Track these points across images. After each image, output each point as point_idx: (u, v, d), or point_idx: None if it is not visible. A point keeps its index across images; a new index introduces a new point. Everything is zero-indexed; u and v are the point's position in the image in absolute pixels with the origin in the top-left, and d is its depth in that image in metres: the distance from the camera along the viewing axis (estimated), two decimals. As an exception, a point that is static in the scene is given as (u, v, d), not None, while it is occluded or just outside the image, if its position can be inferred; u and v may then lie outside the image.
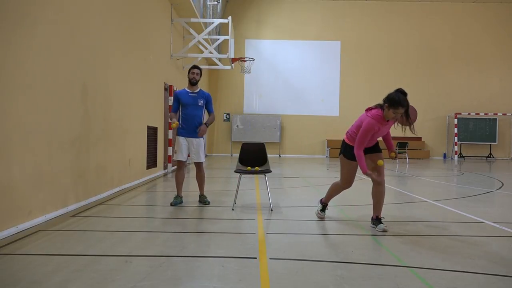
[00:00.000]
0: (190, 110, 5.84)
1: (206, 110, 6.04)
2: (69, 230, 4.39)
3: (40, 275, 3.00)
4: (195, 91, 5.91)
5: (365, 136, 4.37)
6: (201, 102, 5.89)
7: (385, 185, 4.65)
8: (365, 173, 4.33)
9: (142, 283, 2.86)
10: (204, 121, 5.96)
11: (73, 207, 5.39)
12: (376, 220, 4.58)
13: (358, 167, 4.56)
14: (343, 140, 4.76)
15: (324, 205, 5.15)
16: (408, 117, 4.40)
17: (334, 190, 5.03)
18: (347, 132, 4.71)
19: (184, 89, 5.99)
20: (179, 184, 6.00)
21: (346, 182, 4.85)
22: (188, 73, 5.97)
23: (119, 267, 3.21)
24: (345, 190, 5.01)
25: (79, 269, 3.15)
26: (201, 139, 5.97)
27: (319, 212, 5.12)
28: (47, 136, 4.73)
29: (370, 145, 4.62)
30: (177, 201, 5.88)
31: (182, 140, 5.89)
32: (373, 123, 4.36)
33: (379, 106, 4.49)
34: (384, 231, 4.41)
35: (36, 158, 4.51)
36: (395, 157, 4.67)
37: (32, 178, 4.43)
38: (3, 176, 3.94)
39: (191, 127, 5.86)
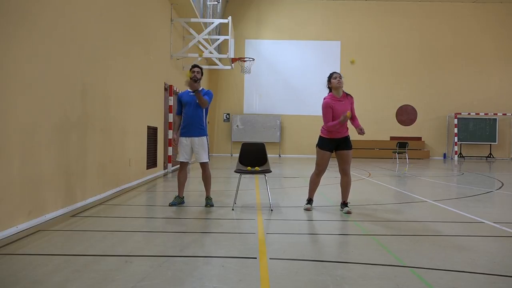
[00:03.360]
0: (189, 110, 5.77)
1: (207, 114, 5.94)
2: (69, 230, 4.39)
3: (40, 275, 3.00)
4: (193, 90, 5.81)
5: (325, 113, 5.44)
6: None
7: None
8: (339, 121, 5.27)
9: (142, 283, 2.86)
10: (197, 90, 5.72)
11: (73, 207, 5.39)
12: (343, 204, 5.56)
13: (329, 160, 5.55)
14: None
15: (309, 199, 5.64)
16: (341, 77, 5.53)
17: (313, 182, 5.66)
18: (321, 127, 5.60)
19: (187, 89, 5.97)
20: (180, 185, 5.97)
21: (318, 167, 5.58)
22: (189, 72, 5.91)
23: (119, 267, 3.21)
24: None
25: (79, 269, 3.15)
26: (204, 137, 5.83)
27: (305, 205, 5.62)
28: (47, 136, 4.73)
29: (341, 131, 5.46)
30: (176, 202, 5.86)
31: (183, 140, 5.83)
32: (326, 102, 5.46)
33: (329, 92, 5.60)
34: (348, 212, 5.36)
35: (36, 158, 4.50)
36: (360, 132, 5.45)
37: (32, 178, 4.43)
38: (3, 176, 3.94)
39: (191, 127, 5.78)
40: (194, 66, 5.94)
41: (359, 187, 8.66)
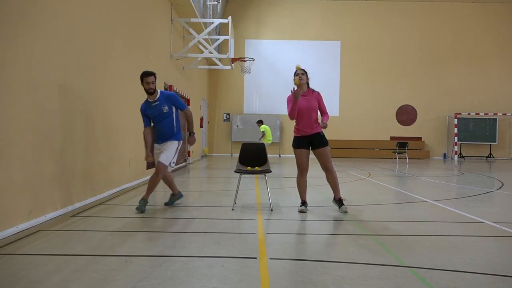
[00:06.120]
0: (158, 121, 5.54)
1: (178, 110, 5.67)
2: (69, 230, 4.39)
3: (40, 275, 3.00)
4: (155, 99, 5.50)
5: (288, 105, 5.48)
6: (165, 108, 5.49)
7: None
8: (294, 98, 5.32)
9: (142, 283, 2.86)
10: (188, 130, 5.60)
11: (73, 207, 5.39)
12: (339, 201, 5.53)
13: (308, 158, 5.52)
14: None
15: (303, 202, 5.58)
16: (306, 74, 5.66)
17: (299, 184, 5.61)
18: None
19: (146, 100, 5.60)
20: (170, 184, 5.84)
21: (299, 167, 5.56)
22: (142, 82, 5.43)
23: (119, 267, 3.21)
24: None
25: (79, 269, 3.15)
26: (176, 142, 5.54)
27: (299, 207, 5.54)
28: (47, 136, 4.73)
29: (311, 127, 5.48)
30: (173, 201, 5.88)
31: (156, 149, 5.66)
32: (289, 96, 5.50)
33: None
34: (345, 212, 5.38)
35: (36, 158, 4.50)
36: (323, 126, 5.39)
37: (32, 178, 4.43)
38: (3, 176, 3.94)
39: (165, 135, 5.55)
40: (146, 74, 5.37)
41: (359, 187, 8.66)
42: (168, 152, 5.47)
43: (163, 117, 5.50)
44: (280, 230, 4.62)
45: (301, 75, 5.56)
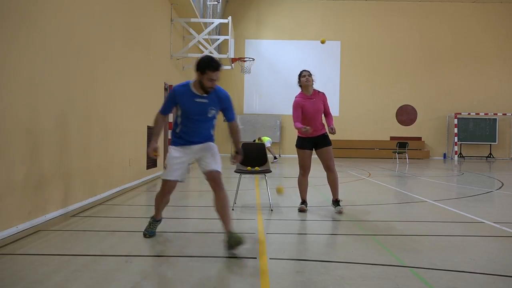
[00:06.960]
0: (195, 121, 3.91)
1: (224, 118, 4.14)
2: (69, 230, 4.39)
3: (40, 275, 3.00)
4: (204, 94, 3.80)
5: (294, 112, 5.42)
6: (212, 112, 3.90)
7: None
8: (297, 127, 5.26)
9: (142, 283, 2.86)
10: (235, 149, 4.15)
11: (73, 207, 5.39)
12: (335, 202, 5.51)
13: (311, 158, 5.51)
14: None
15: (303, 201, 5.59)
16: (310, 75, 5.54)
17: (300, 183, 5.64)
18: None
19: (188, 85, 3.82)
20: (162, 206, 4.25)
21: (301, 167, 5.60)
22: (202, 73, 3.62)
23: (119, 267, 3.21)
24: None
25: (79, 269, 3.15)
26: (211, 143, 4.16)
27: (299, 206, 5.56)
28: (47, 136, 4.73)
29: (317, 129, 5.42)
30: (153, 231, 4.16)
31: (176, 153, 3.95)
32: (296, 101, 5.46)
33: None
34: (340, 212, 5.33)
35: (36, 158, 4.50)
36: (331, 132, 5.34)
37: (32, 178, 4.43)
38: (3, 176, 3.93)
39: (199, 140, 4.06)
40: (215, 67, 3.60)
41: (359, 187, 8.66)
42: (218, 157, 4.09)
43: (205, 120, 3.95)
44: (280, 230, 4.62)
45: (307, 76, 5.49)
